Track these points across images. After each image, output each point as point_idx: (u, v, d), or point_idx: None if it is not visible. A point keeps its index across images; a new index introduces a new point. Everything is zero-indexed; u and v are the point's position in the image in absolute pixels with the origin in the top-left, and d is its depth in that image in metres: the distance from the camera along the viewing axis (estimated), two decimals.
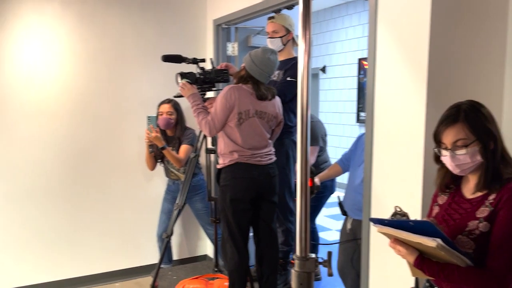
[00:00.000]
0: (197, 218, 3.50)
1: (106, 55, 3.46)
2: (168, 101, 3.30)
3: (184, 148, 3.25)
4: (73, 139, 3.39)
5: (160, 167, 3.45)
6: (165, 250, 2.97)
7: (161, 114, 3.27)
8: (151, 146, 3.28)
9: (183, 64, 2.83)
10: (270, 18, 3.02)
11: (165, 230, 3.06)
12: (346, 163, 2.82)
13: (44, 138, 3.28)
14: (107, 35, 3.45)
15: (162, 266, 3.39)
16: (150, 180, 3.70)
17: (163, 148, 3.15)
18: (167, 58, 2.78)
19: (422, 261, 1.35)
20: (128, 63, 3.55)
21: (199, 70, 2.81)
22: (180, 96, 2.82)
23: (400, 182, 2.10)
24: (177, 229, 3.78)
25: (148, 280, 3.55)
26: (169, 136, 3.35)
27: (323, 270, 3.59)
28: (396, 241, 1.38)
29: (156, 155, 3.34)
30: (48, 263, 3.36)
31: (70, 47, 3.33)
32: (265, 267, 2.70)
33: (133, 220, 3.66)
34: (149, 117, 3.15)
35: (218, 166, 2.65)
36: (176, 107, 3.31)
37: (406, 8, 2.03)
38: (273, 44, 2.99)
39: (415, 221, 1.33)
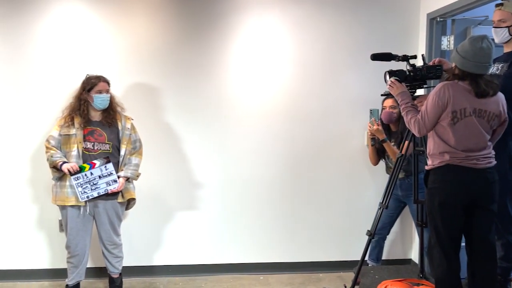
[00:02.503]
0: (413, 219, 3.40)
1: (318, 57, 3.67)
2: (392, 95, 3.29)
3: (404, 144, 3.20)
4: (288, 135, 3.71)
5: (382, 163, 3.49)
6: (367, 248, 2.98)
7: (385, 108, 3.30)
8: (373, 139, 3.35)
9: (392, 61, 2.79)
10: (498, 5, 2.70)
11: (382, 227, 3.16)
12: None
13: (263, 134, 3.69)
14: (319, 38, 3.66)
15: (370, 263, 3.43)
16: (372, 176, 3.76)
17: (383, 141, 3.20)
18: (376, 57, 2.78)
19: None
20: (338, 63, 3.69)
21: (409, 67, 2.72)
22: (388, 94, 2.79)
23: None
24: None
25: (350, 275, 3.63)
26: (393, 132, 3.35)
27: None
28: None
29: (379, 150, 3.38)
30: (260, 246, 3.77)
31: (286, 50, 3.65)
32: (479, 282, 2.44)
33: (346, 214, 3.79)
34: (371, 110, 3.22)
35: (427, 168, 2.52)
36: None
37: None
38: (498, 34, 2.66)
39: None
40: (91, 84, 3.02)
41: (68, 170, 2.91)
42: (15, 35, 3.44)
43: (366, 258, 3.24)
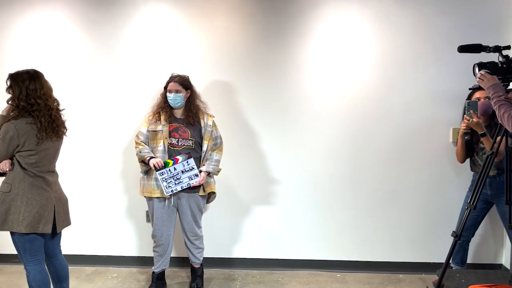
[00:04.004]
0: (502, 221, 3.17)
1: (399, 50, 3.55)
2: (482, 88, 3.07)
3: (496, 140, 2.99)
4: (367, 132, 3.63)
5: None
6: (453, 250, 2.84)
7: (479, 100, 3.10)
8: (467, 133, 3.15)
9: (482, 53, 2.62)
10: None
11: (466, 229, 3.02)
12: None
13: (340, 130, 3.65)
14: (400, 31, 3.54)
15: (453, 266, 3.26)
16: (456, 174, 3.59)
17: (483, 135, 2.99)
18: (464, 49, 2.62)
19: None
20: (421, 57, 3.54)
21: (501, 59, 2.54)
22: (478, 88, 2.63)
23: None
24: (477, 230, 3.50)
25: (432, 277, 3.49)
26: (485, 125, 3.15)
27: None
28: None
29: (468, 146, 3.19)
30: (337, 243, 3.73)
31: (364, 45, 3.58)
32: None
33: (428, 214, 3.64)
34: (469, 102, 3.02)
35: None
36: None
37: None
38: None
39: None
40: (166, 83, 3.24)
41: (154, 166, 3.10)
42: (108, 38, 3.73)
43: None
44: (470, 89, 2.84)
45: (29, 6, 3.75)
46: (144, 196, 3.28)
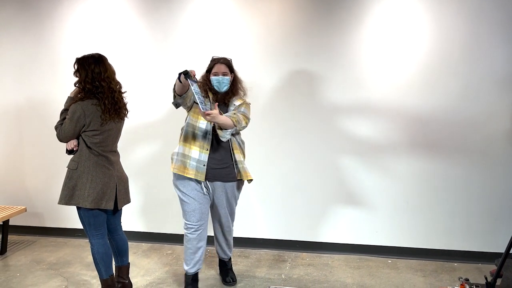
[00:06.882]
0: None
1: (460, 32, 3.40)
2: None
3: None
4: (423, 117, 3.52)
5: None
6: None
7: None
8: None
9: None
10: None
11: None
12: None
13: (395, 116, 3.56)
14: (462, 11, 3.38)
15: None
16: None
17: None
18: None
19: None
20: (483, 39, 3.37)
21: None
22: None
23: None
24: None
25: (490, 267, 3.38)
26: None
27: None
28: None
29: None
30: (389, 228, 3.68)
31: (422, 27, 3.45)
32: None
33: (488, 202, 3.52)
34: None
35: None
36: None
37: None
38: None
39: None
40: (209, 65, 2.96)
41: (189, 72, 2.57)
42: (163, 23, 3.82)
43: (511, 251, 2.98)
44: None
45: None
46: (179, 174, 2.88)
